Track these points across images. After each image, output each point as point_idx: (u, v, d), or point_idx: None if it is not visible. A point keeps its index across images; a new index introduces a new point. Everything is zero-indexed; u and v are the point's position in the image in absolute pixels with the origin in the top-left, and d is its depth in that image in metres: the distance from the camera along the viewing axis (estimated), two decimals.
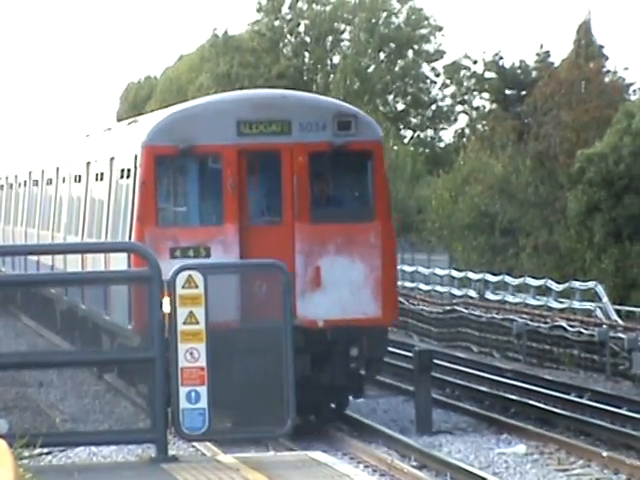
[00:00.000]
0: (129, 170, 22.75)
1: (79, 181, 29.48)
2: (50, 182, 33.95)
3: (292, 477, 10.96)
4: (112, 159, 25.93)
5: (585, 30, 50.82)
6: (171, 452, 12.13)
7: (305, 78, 65.70)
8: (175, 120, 22.41)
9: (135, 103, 77.60)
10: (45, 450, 12.23)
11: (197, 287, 11.69)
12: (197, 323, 11.58)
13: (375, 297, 21.66)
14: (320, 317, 21.22)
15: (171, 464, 11.68)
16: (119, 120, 65.30)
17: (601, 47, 51.59)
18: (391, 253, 22.54)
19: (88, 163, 28.14)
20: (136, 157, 22.08)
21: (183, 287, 11.57)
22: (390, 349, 25.53)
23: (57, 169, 33.33)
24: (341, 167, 22.51)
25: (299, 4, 64.49)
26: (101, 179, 26.17)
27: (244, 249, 21.18)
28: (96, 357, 18.35)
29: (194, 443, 18.12)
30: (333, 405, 22.75)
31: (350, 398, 22.94)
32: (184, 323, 11.63)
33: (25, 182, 38.14)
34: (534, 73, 56.24)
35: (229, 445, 18.10)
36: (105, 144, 28.31)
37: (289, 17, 64.89)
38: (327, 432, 21.77)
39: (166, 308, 11.88)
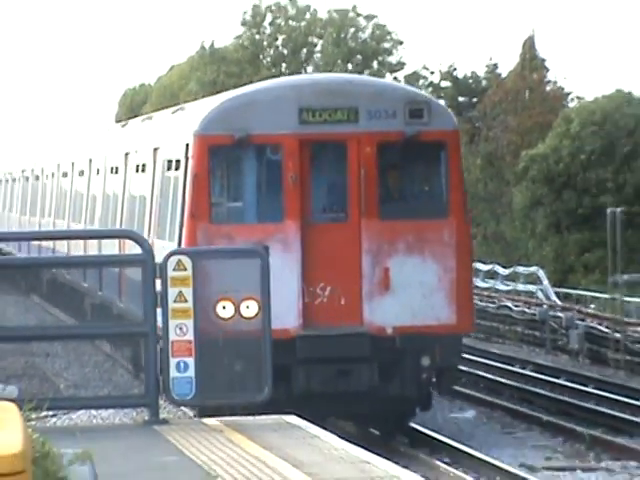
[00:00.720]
0: (178, 161, 19.05)
1: (116, 173, 25.46)
2: (82, 174, 29.67)
3: (269, 438, 10.93)
4: (156, 149, 21.97)
5: (529, 45, 51.16)
6: (162, 415, 12.21)
7: None
8: (230, 107, 18.50)
9: (132, 107, 77.09)
10: (51, 413, 12.29)
11: (186, 270, 11.55)
12: (186, 302, 11.42)
13: (449, 301, 17.85)
14: (389, 323, 17.57)
15: (162, 426, 11.73)
16: (117, 121, 64.77)
17: (543, 60, 51.94)
18: (467, 253, 18.56)
19: (127, 154, 24.18)
20: (187, 147, 18.34)
21: (174, 270, 11.50)
22: None
23: (90, 160, 28.98)
24: (413, 159, 18.73)
25: (278, 20, 64.36)
26: (142, 171, 22.40)
27: (306, 248, 17.65)
28: (96, 331, 18.32)
29: (182, 408, 17.68)
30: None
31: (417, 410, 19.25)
32: (174, 301, 11.51)
33: (53, 174, 33.82)
34: (484, 82, 56.44)
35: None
36: (147, 134, 24.25)
37: (269, 32, 64.72)
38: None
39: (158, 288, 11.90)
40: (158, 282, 12.07)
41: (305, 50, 63.84)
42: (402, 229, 17.80)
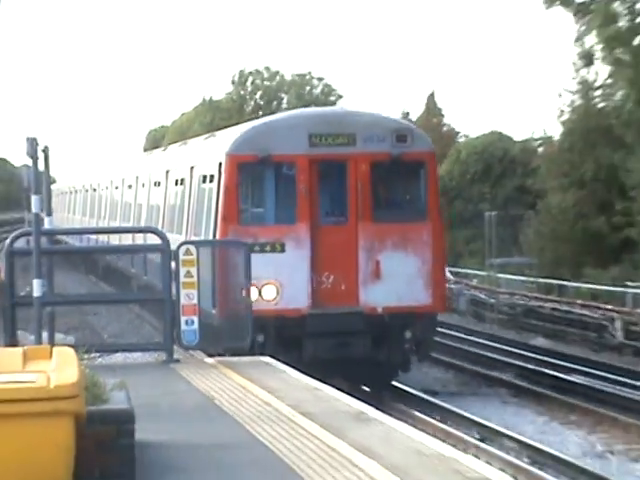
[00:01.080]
0: (212, 176, 17.33)
1: (158, 185, 23.29)
2: (130, 187, 27.23)
3: (250, 372, 10.83)
4: (192, 167, 20.07)
5: (431, 98, 50.99)
6: (175, 357, 11.89)
7: None
8: (255, 132, 17.18)
9: (155, 141, 75.37)
10: (97, 355, 11.84)
11: (192, 255, 11.36)
12: (192, 277, 11.20)
13: (426, 287, 16.54)
14: (379, 304, 16.24)
15: (175, 364, 11.67)
16: (145, 151, 64.14)
17: (441, 109, 51.82)
18: (441, 249, 17.18)
19: (167, 171, 22.25)
20: (220, 165, 16.79)
21: (183, 255, 11.37)
22: None
23: (136, 177, 26.77)
24: (398, 174, 17.17)
25: (257, 81, 63.34)
26: (181, 184, 20.38)
27: (314, 245, 16.11)
28: (130, 297, 18.18)
29: (190, 351, 16.89)
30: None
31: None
32: (184, 277, 11.29)
33: (107, 187, 31.28)
34: None
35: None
36: (183, 155, 22.32)
37: (250, 89, 63.65)
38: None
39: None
40: (174, 263, 11.84)
41: (275, 102, 62.94)
42: (390, 230, 16.51)
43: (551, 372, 19.02)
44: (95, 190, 33.26)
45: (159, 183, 22.91)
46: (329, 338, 15.44)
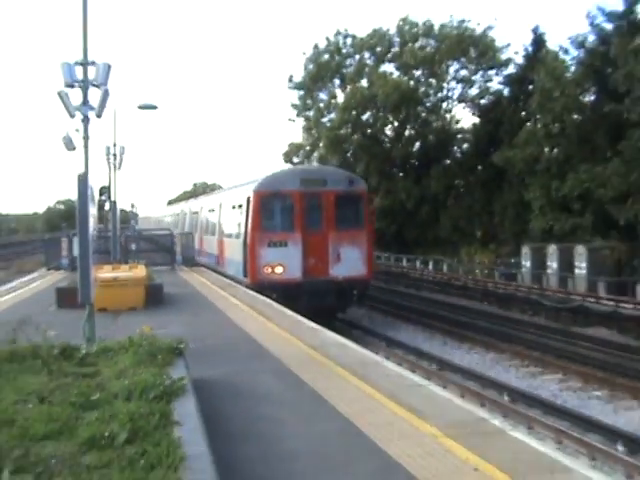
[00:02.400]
0: (245, 204, 22.69)
1: (213, 211, 29.23)
2: (199, 211, 33.81)
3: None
4: (221, 200, 27.86)
5: None
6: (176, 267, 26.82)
7: None
8: (270, 178, 22.66)
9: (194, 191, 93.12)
10: (152, 266, 23.70)
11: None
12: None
13: (363, 265, 22.29)
14: (340, 275, 21.80)
15: (176, 270, 26.48)
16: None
17: None
18: (371, 244, 23.19)
19: (220, 204, 27.96)
20: (249, 198, 22.31)
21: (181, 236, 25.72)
22: None
23: (201, 207, 33.64)
24: (349, 202, 22.54)
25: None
26: (233, 208, 25.39)
27: (304, 244, 21.63)
28: (164, 249, 29.35)
29: (182, 267, 27.75)
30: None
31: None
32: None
33: (190, 212, 37.56)
34: None
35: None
36: (227, 194, 28.58)
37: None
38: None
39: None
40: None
41: None
42: (345, 234, 22.16)
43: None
44: (185, 214, 40.42)
45: (213, 209, 29.54)
46: (314, 295, 21.24)
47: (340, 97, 49.63)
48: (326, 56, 49.72)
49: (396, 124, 47.19)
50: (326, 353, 10.97)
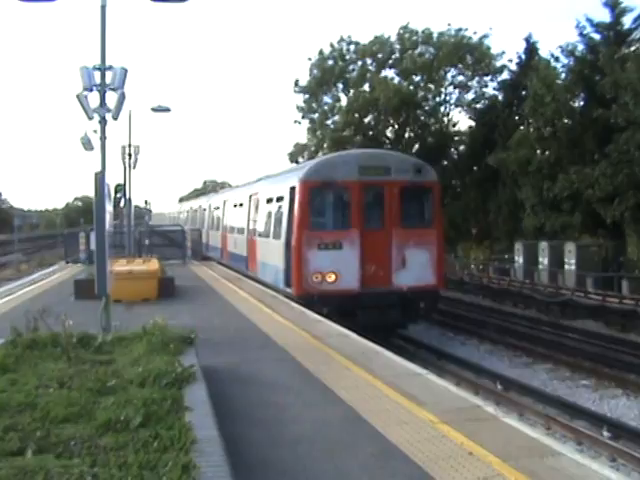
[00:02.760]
0: (288, 197, 18.24)
1: (241, 206, 24.84)
2: (221, 207, 29.50)
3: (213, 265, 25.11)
4: (252, 192, 23.31)
5: None
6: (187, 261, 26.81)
7: None
8: (321, 164, 18.56)
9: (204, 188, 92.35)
10: (164, 260, 23.41)
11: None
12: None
13: (432, 273, 17.64)
14: (405, 284, 17.27)
15: (185, 264, 26.15)
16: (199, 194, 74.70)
17: None
18: (442, 246, 18.32)
19: (250, 197, 23.44)
20: (293, 189, 17.86)
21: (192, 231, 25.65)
22: None
23: (224, 202, 29.23)
24: (416, 195, 18.04)
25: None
26: (265, 202, 21.29)
27: (362, 244, 17.14)
28: (176, 244, 28.92)
29: (192, 260, 27.80)
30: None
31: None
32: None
33: (212, 208, 33.04)
34: None
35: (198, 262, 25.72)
36: (260, 185, 23.50)
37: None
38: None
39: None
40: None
41: None
42: (411, 233, 17.53)
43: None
44: (204, 210, 36.72)
45: (242, 204, 24.95)
46: (373, 309, 16.96)
47: (344, 101, 49.69)
48: (330, 62, 49.66)
49: (396, 127, 47.16)
50: (329, 343, 10.98)
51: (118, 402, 5.74)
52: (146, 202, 47.14)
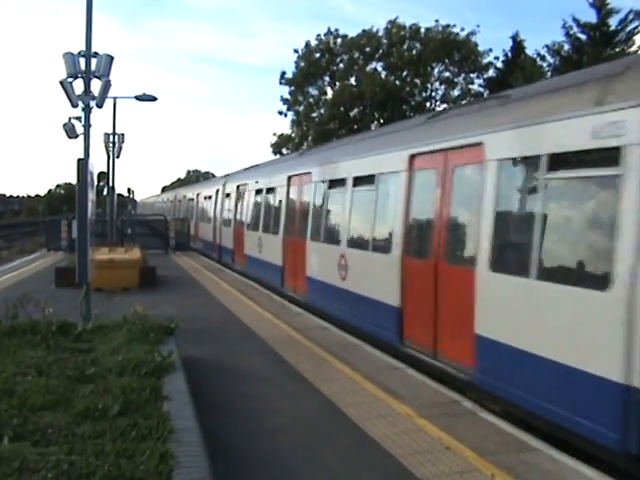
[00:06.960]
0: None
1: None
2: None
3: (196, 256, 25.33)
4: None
5: None
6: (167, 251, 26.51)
7: None
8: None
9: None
10: (146, 250, 23.76)
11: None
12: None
13: None
14: None
15: (169, 253, 26.31)
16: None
17: None
18: None
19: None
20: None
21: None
22: None
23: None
24: None
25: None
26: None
27: None
28: (158, 233, 29.88)
29: (175, 251, 26.39)
30: None
31: None
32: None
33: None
34: None
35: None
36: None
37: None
38: None
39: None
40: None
41: None
42: None
43: None
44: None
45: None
46: None
47: (329, 93, 49.74)
48: (317, 54, 49.65)
49: (382, 121, 47.30)
50: (309, 335, 11.01)
51: (97, 390, 5.74)
52: (129, 190, 47.01)
